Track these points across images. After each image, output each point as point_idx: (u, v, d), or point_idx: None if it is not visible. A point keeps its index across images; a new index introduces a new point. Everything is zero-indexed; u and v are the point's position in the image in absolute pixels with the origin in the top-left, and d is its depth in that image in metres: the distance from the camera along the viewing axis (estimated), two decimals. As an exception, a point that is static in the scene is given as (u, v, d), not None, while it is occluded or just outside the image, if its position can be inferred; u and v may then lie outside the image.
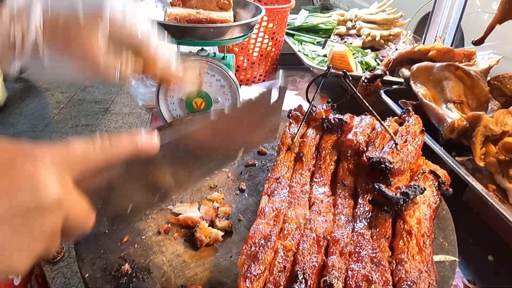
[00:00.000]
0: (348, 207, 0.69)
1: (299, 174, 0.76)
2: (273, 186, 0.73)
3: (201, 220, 0.70)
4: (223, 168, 0.83)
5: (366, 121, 0.84)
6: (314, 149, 0.81)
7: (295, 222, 0.65)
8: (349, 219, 0.66)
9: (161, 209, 0.73)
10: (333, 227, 0.65)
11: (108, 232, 0.68)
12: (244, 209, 0.77)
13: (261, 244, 0.59)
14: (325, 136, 0.83)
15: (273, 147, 0.95)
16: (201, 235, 0.67)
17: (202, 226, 0.68)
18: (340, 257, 0.59)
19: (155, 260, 0.64)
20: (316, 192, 0.72)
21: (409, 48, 1.29)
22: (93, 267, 0.62)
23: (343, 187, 0.74)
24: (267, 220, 0.65)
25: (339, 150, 0.80)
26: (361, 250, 0.60)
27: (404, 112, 0.90)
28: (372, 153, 0.75)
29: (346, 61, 1.39)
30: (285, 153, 0.81)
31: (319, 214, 0.67)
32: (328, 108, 0.87)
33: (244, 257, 0.58)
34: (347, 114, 0.85)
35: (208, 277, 0.62)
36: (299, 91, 1.46)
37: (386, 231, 0.62)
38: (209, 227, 0.68)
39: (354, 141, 0.78)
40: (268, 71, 1.59)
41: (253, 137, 0.77)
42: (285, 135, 0.84)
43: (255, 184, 0.83)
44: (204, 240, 0.66)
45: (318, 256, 0.59)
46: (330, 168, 0.78)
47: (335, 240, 0.62)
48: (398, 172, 0.71)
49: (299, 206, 0.69)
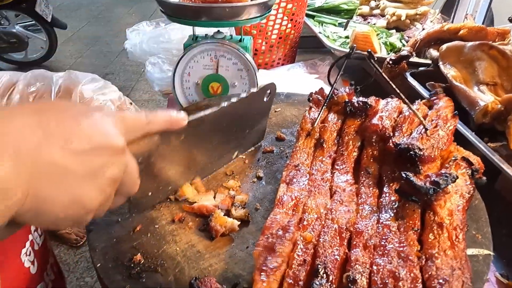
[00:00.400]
0: (372, 196, 0.65)
1: (319, 161, 0.72)
2: (292, 173, 0.69)
3: (217, 208, 0.67)
4: (217, 168, 0.80)
5: (393, 104, 0.79)
6: (336, 134, 0.77)
7: (315, 212, 0.61)
8: (374, 209, 0.62)
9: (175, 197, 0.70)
10: (356, 218, 0.60)
11: (120, 221, 0.66)
12: (261, 198, 0.73)
13: (279, 235, 0.56)
14: (347, 120, 0.78)
15: (291, 133, 0.91)
16: (216, 225, 0.63)
17: (217, 215, 0.65)
18: (364, 251, 0.55)
19: (168, 250, 0.61)
20: (337, 180, 0.68)
21: (437, 27, 1.21)
22: (105, 257, 0.59)
23: (367, 175, 0.69)
24: (285, 210, 0.61)
25: (363, 135, 0.75)
26: (387, 243, 0.55)
27: (434, 94, 0.84)
28: (400, 138, 0.70)
29: (369, 42, 1.32)
30: (305, 139, 0.76)
31: (341, 203, 0.63)
32: (351, 91, 0.82)
33: (260, 249, 0.54)
34: (371, 97, 0.80)
35: (223, 269, 0.59)
36: (320, 74, 1.40)
37: (414, 223, 0.57)
38: (225, 216, 0.65)
39: (379, 125, 0.73)
40: (287, 55, 1.53)
41: (245, 137, 0.82)
42: (304, 120, 0.79)
43: (273, 172, 0.80)
44: (220, 229, 0.63)
45: (340, 249, 0.55)
46: (353, 154, 0.73)
47: (359, 232, 0.58)
48: (428, 160, 0.66)
49: (320, 195, 0.65)
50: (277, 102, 1.03)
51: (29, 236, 0.61)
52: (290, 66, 1.46)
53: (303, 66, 1.45)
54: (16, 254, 0.58)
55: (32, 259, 0.61)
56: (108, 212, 0.66)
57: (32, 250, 0.61)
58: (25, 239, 0.60)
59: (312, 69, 1.45)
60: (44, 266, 0.65)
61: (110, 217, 0.66)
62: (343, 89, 0.83)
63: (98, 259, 0.59)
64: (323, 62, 1.48)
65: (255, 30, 1.41)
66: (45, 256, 0.67)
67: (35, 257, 0.62)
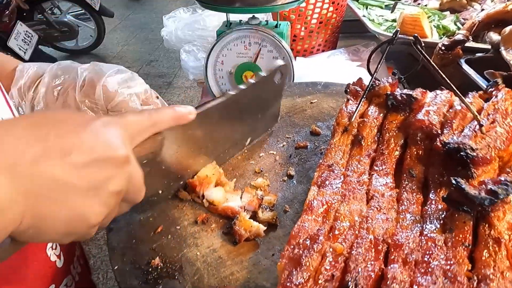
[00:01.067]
0: (415, 203, 0.57)
1: (356, 160, 0.65)
2: (325, 174, 0.62)
3: (242, 211, 0.62)
4: (230, 156, 0.76)
5: (442, 97, 0.69)
6: (376, 131, 0.69)
7: (349, 220, 0.55)
8: (417, 218, 0.55)
9: (198, 196, 0.66)
10: (396, 228, 0.53)
11: (142, 220, 0.63)
12: (291, 199, 0.68)
13: (306, 246, 0.50)
14: (389, 115, 0.70)
15: (328, 127, 0.84)
16: (241, 229, 0.59)
17: (242, 218, 0.60)
18: (403, 267, 0.48)
19: (189, 255, 0.57)
20: (376, 183, 0.61)
21: (499, 8, 1.08)
22: (123, 259, 0.57)
23: (410, 178, 0.61)
24: (314, 217, 0.55)
25: (406, 132, 0.66)
26: (431, 259, 0.48)
27: (492, 85, 0.74)
28: (449, 137, 0.62)
29: (419, 26, 1.20)
30: (341, 135, 0.69)
31: (378, 210, 0.56)
32: (394, 81, 0.74)
33: (285, 261, 0.49)
34: (418, 89, 0.71)
35: (245, 278, 0.54)
36: (362, 62, 1.30)
37: (465, 237, 0.50)
38: (250, 220, 0.60)
39: (426, 121, 0.64)
40: (328, 40, 1.44)
41: (258, 122, 0.79)
42: (341, 114, 0.72)
43: (305, 170, 0.74)
44: (244, 234, 0.59)
45: (375, 263, 0.49)
46: (395, 154, 0.65)
47: (398, 244, 0.51)
48: (482, 162, 0.57)
49: (355, 200, 0.58)
50: (314, 92, 0.96)
51: None
52: (330, 53, 1.37)
53: (345, 52, 1.36)
54: (42, 248, 0.57)
55: (58, 253, 0.60)
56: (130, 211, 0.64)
57: (58, 243, 0.61)
58: None
59: (355, 56, 1.36)
60: (70, 259, 0.65)
61: (132, 215, 0.64)
62: (386, 79, 0.74)
63: (116, 261, 0.57)
64: (366, 48, 1.37)
65: (293, 15, 1.34)
66: (72, 248, 0.66)
67: (61, 251, 0.61)
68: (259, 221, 0.62)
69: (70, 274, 0.64)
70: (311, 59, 1.32)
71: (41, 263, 0.57)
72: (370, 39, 1.45)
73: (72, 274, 0.64)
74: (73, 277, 0.64)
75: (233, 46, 1.05)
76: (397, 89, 0.73)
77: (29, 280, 0.54)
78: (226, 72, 1.09)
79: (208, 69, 1.08)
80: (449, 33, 1.29)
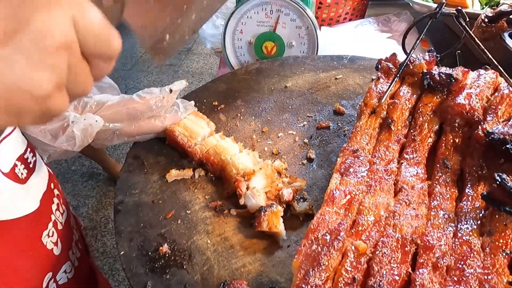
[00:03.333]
0: (449, 199, 0.51)
1: (384, 146, 0.59)
2: (349, 161, 0.57)
3: (276, 204, 0.56)
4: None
5: (486, 78, 0.62)
6: (408, 114, 0.62)
7: (374, 215, 0.50)
8: (451, 216, 0.49)
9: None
10: (426, 227, 0.48)
11: (150, 202, 0.59)
12: (310, 184, 0.63)
13: (326, 242, 0.46)
14: (424, 97, 0.63)
15: (353, 106, 0.78)
16: (265, 221, 0.54)
17: (274, 212, 0.54)
18: (433, 273, 0.43)
19: (199, 242, 0.54)
20: (405, 173, 0.55)
21: (553, -25, 0.96)
22: (130, 244, 0.54)
23: (444, 169, 0.55)
24: (336, 208, 0.50)
25: (442, 117, 0.60)
26: (465, 266, 0.43)
27: (543, 65, 0.65)
28: (493, 125, 0.55)
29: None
30: (368, 118, 0.63)
31: (407, 205, 0.51)
32: (431, 58, 0.66)
33: (302, 258, 0.45)
34: (458, 68, 0.63)
35: (258, 272, 0.51)
36: (393, 33, 1.20)
37: (506, 243, 0.44)
38: (280, 219, 0.54)
39: (466, 106, 0.57)
40: (357, 8, 1.34)
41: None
42: (370, 93, 0.65)
43: (327, 153, 0.68)
44: (263, 227, 0.54)
45: (402, 267, 0.44)
46: (428, 141, 0.59)
47: (428, 246, 0.45)
48: (530, 156, 0.50)
49: (381, 192, 0.53)
50: (339, 67, 0.89)
51: (51, 217, 0.58)
52: (358, 22, 1.27)
53: (374, 22, 1.26)
54: (36, 238, 0.55)
55: (55, 240, 0.58)
56: (139, 192, 0.61)
57: (56, 230, 0.58)
58: (47, 221, 0.57)
59: (385, 26, 1.26)
60: (68, 245, 0.62)
61: (141, 197, 0.60)
62: (421, 56, 0.67)
63: (122, 246, 0.54)
64: (398, 18, 1.27)
65: (320, -20, 1.24)
66: (69, 234, 0.64)
67: (59, 237, 0.59)
68: (296, 212, 0.57)
69: (68, 260, 0.61)
70: (337, 29, 1.23)
71: (36, 252, 0.54)
72: (402, 8, 1.33)
73: (71, 260, 0.62)
74: (72, 263, 0.62)
75: (253, 13, 0.97)
76: (434, 68, 0.65)
77: (24, 271, 0.52)
78: (245, 42, 1.02)
79: (226, 38, 1.01)
80: (492, 3, 1.17)
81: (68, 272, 0.60)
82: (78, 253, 0.65)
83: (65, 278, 0.60)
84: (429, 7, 1.08)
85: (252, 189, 0.57)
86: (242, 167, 0.61)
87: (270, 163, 0.63)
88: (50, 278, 0.56)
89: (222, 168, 0.63)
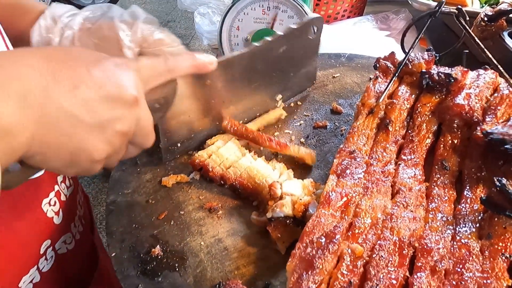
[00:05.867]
0: (448, 201, 0.50)
1: (381, 147, 0.58)
2: (346, 162, 0.56)
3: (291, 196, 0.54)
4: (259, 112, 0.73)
5: (486, 78, 0.61)
6: (406, 114, 0.61)
7: (371, 217, 0.49)
8: (449, 219, 0.48)
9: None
10: (424, 230, 0.47)
11: (143, 202, 0.58)
12: (307, 185, 0.61)
13: (321, 245, 0.45)
14: (423, 97, 0.62)
15: (351, 105, 0.76)
16: (277, 206, 0.52)
17: (293, 200, 0.53)
18: (431, 276, 0.42)
19: (192, 244, 0.53)
20: (403, 174, 0.54)
21: (553, -27, 0.95)
22: (122, 245, 0.53)
23: (442, 170, 0.54)
24: (332, 211, 0.49)
25: (441, 118, 0.59)
26: (464, 270, 0.42)
27: (543, 65, 0.64)
28: (492, 125, 0.54)
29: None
30: (366, 118, 0.62)
31: (405, 207, 0.50)
32: (430, 58, 0.65)
33: (296, 261, 0.44)
34: (458, 68, 0.62)
35: (252, 274, 0.50)
36: (392, 31, 1.19)
37: (505, 246, 0.43)
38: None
39: (465, 106, 0.57)
40: (355, 6, 1.33)
41: (290, 81, 0.74)
42: (368, 93, 0.64)
43: (323, 152, 0.67)
44: (276, 213, 0.52)
45: (399, 270, 0.43)
46: (426, 142, 0.58)
47: (426, 249, 0.45)
48: (530, 158, 0.50)
49: (378, 194, 0.52)
50: (336, 65, 0.88)
51: (55, 186, 0.59)
52: (357, 20, 1.26)
53: (373, 20, 1.25)
54: (36, 203, 0.56)
55: (57, 210, 0.59)
56: (132, 192, 0.60)
57: (58, 200, 0.59)
58: (50, 189, 0.58)
59: (384, 24, 1.24)
60: (71, 217, 0.64)
61: (134, 196, 0.59)
62: (420, 55, 0.66)
63: (114, 247, 0.53)
64: (397, 16, 1.26)
65: (318, -23, 1.22)
66: (73, 207, 0.65)
67: (61, 208, 0.60)
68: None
69: (69, 232, 0.62)
70: (335, 27, 1.22)
71: (35, 217, 0.55)
72: (401, 6, 1.32)
73: (72, 232, 0.63)
74: (73, 235, 0.63)
75: (250, 10, 0.96)
76: (433, 67, 0.64)
77: (21, 234, 0.53)
78: (242, 38, 1.00)
79: (222, 34, 1.00)
80: (492, 2, 1.16)
81: (68, 243, 0.61)
82: (80, 227, 0.66)
83: (65, 249, 0.61)
84: (428, 5, 1.07)
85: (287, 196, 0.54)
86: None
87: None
88: (49, 245, 0.57)
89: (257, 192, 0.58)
